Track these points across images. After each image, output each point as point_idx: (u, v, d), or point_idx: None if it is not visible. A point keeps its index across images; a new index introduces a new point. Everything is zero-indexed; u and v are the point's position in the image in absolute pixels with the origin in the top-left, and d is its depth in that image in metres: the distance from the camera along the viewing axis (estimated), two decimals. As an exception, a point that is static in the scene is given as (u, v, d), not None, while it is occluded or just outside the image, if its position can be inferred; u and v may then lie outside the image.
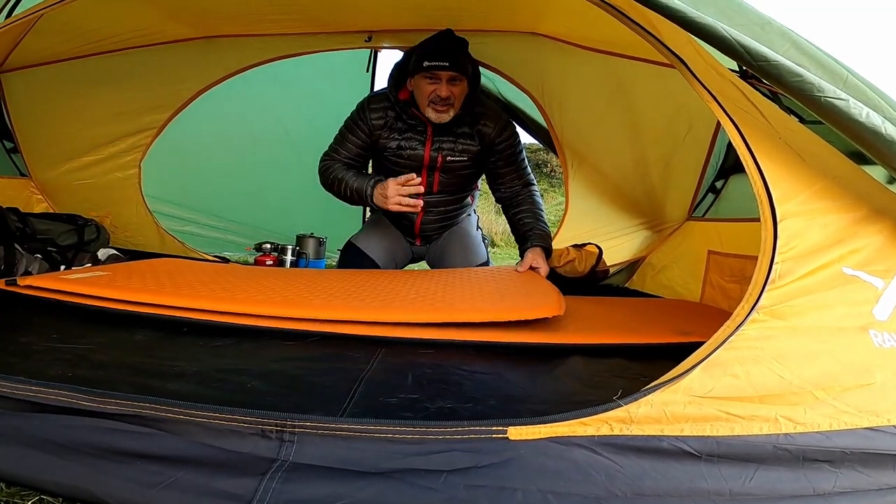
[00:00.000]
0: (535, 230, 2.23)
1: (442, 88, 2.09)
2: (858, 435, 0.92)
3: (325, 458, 0.83)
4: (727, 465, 0.88)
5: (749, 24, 1.03)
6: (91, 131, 2.87)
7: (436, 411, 0.97)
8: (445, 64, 2.07)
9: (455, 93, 2.12)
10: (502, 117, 2.33)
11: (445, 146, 2.27)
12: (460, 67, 2.09)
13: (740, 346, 0.95)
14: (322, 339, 1.40)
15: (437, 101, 2.11)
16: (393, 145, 2.28)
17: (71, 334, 1.30)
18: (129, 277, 1.74)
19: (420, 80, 2.12)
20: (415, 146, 2.27)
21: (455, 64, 2.08)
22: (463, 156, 2.29)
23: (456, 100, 2.14)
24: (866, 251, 1.04)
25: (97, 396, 0.89)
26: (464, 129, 2.26)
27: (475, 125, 2.26)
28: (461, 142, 2.27)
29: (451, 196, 2.43)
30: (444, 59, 2.07)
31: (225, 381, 1.08)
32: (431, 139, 2.26)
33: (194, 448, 0.85)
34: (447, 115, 2.15)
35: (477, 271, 2.20)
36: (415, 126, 2.25)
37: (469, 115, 2.24)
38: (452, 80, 2.10)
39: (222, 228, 3.75)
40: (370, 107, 2.27)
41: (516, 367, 1.29)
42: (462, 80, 2.13)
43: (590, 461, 0.85)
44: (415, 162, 2.29)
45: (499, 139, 2.28)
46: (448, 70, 2.07)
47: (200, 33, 2.82)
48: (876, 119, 0.99)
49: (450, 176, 2.35)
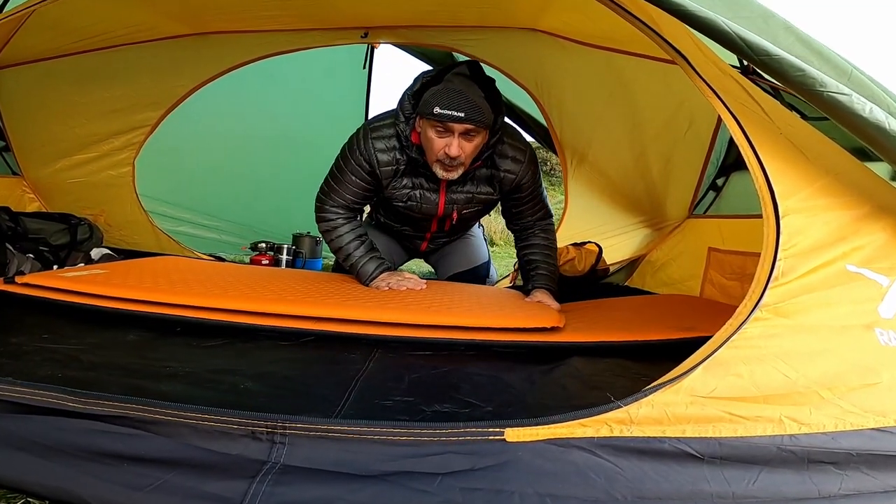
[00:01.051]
0: (540, 270, 1.99)
1: (452, 146, 1.72)
2: (864, 436, 0.91)
3: (316, 461, 0.82)
4: (730, 468, 0.87)
5: (752, 17, 1.02)
6: (84, 129, 2.85)
7: (432, 414, 0.96)
8: (461, 115, 1.67)
9: (467, 150, 1.75)
10: (527, 154, 1.95)
11: (460, 197, 1.98)
12: (479, 119, 1.69)
13: (743, 345, 0.94)
14: (317, 339, 1.38)
15: (446, 159, 1.76)
16: (402, 195, 1.97)
17: (62, 334, 1.29)
18: (127, 275, 1.73)
19: (428, 128, 1.74)
20: (428, 197, 1.97)
21: (473, 115, 1.68)
22: (478, 206, 2.05)
23: (467, 157, 1.78)
24: (870, 248, 1.02)
25: (83, 398, 0.88)
26: (483, 171, 1.94)
27: (497, 168, 1.92)
28: (479, 193, 1.98)
29: (463, 229, 2.36)
30: (460, 107, 1.67)
31: (218, 382, 1.07)
32: (446, 190, 1.97)
33: (183, 450, 0.84)
34: (455, 174, 1.82)
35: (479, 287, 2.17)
36: (425, 173, 1.92)
37: (489, 159, 1.90)
38: (467, 134, 1.72)
39: (217, 228, 3.73)
40: (375, 145, 1.86)
41: (515, 368, 1.27)
42: (479, 133, 1.75)
43: (589, 463, 0.84)
44: (426, 215, 2.06)
45: (522, 182, 1.96)
46: (463, 122, 1.68)
47: (194, 30, 2.80)
48: (880, 114, 0.98)
49: (462, 221, 2.15)
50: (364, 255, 1.95)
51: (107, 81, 2.79)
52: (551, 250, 2.04)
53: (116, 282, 1.61)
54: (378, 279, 1.90)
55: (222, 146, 3.70)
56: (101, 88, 2.80)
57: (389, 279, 1.87)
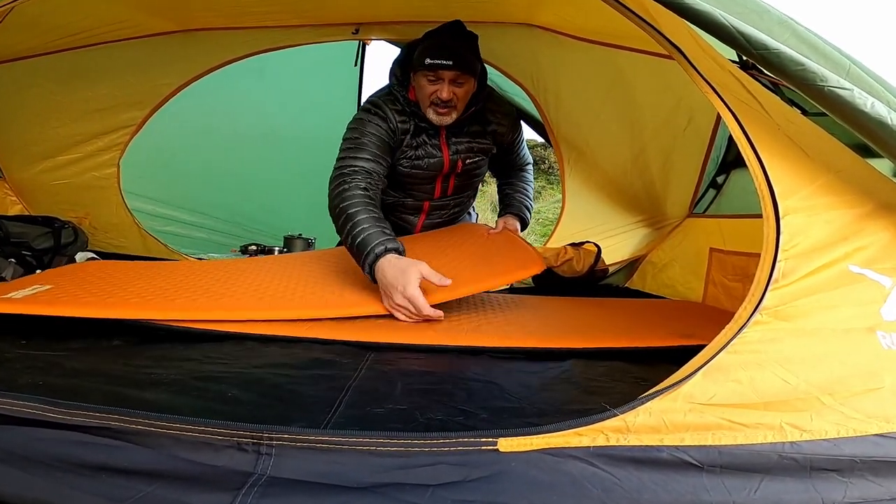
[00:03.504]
0: (513, 202, 2.37)
1: (443, 90, 1.93)
2: (868, 442, 0.91)
3: (304, 473, 0.82)
4: (731, 476, 0.86)
5: (746, 11, 1.01)
6: (66, 129, 2.83)
7: (425, 422, 0.95)
8: (449, 63, 1.90)
9: (458, 94, 1.97)
10: (512, 112, 2.29)
11: (462, 147, 2.14)
12: (466, 66, 1.93)
13: (743, 350, 0.93)
14: (307, 344, 1.38)
15: (439, 103, 1.96)
16: (410, 154, 2.10)
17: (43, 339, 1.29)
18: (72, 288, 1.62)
19: (421, 78, 1.96)
20: (433, 152, 2.11)
21: (460, 62, 1.92)
22: (479, 155, 2.21)
23: (459, 101, 1.99)
24: (873, 248, 1.02)
25: (63, 408, 0.87)
26: (475, 127, 2.15)
27: (487, 124, 2.16)
28: (477, 142, 2.17)
29: (459, 196, 2.39)
30: (448, 56, 1.90)
31: (203, 390, 1.06)
32: (447, 143, 2.12)
33: (166, 461, 0.83)
34: (449, 118, 2.01)
35: (452, 235, 2.26)
36: (427, 129, 2.08)
37: (480, 113, 2.13)
38: (456, 81, 1.94)
39: (206, 229, 3.71)
40: (389, 107, 2.01)
41: (511, 373, 1.27)
42: (467, 80, 1.97)
43: (585, 474, 0.83)
44: (434, 171, 2.15)
45: (511, 137, 2.29)
46: (452, 69, 1.91)
47: (180, 26, 2.79)
48: (881, 109, 0.98)
49: (464, 178, 2.28)
50: (372, 222, 1.71)
51: (90, 80, 2.76)
52: (527, 185, 2.45)
53: (67, 299, 1.51)
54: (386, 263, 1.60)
55: (211, 145, 3.68)
56: (84, 87, 2.78)
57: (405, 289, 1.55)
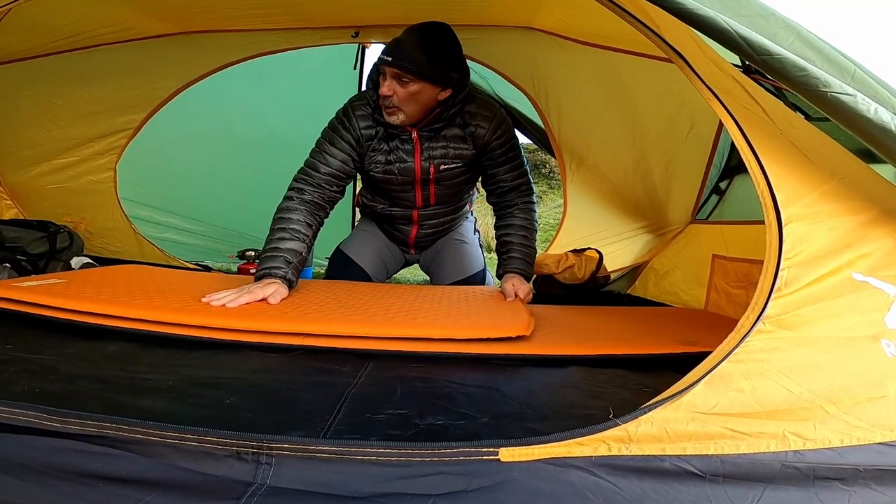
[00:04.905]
0: (513, 255, 2.07)
1: (383, 85, 1.88)
2: (872, 450, 0.91)
3: (304, 482, 0.82)
4: (733, 486, 0.87)
5: (751, 15, 1.02)
6: (62, 133, 2.85)
7: (425, 428, 0.95)
8: (388, 59, 1.84)
9: (399, 94, 1.88)
10: (497, 113, 2.10)
11: (436, 153, 2.08)
12: (407, 64, 1.84)
13: (745, 359, 0.93)
14: (306, 351, 1.38)
15: (381, 99, 1.91)
16: (381, 159, 2.08)
17: (39, 345, 1.29)
18: (85, 286, 1.70)
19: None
20: (404, 158, 2.08)
21: (400, 59, 1.84)
22: (457, 161, 2.11)
23: (402, 102, 1.90)
24: (876, 255, 1.02)
25: (60, 416, 0.87)
26: (455, 131, 2.07)
27: (467, 126, 2.06)
28: (452, 146, 2.08)
29: (447, 206, 2.34)
30: (389, 52, 1.85)
31: (202, 397, 1.06)
32: (420, 148, 2.08)
33: (165, 470, 0.83)
34: (395, 118, 1.94)
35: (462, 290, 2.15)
36: (398, 134, 2.04)
37: (459, 116, 2.04)
38: (400, 79, 1.87)
39: (203, 235, 3.73)
40: (355, 113, 2.02)
41: (512, 380, 1.27)
42: (413, 80, 1.87)
43: (587, 483, 0.83)
44: (406, 176, 2.12)
45: (493, 138, 2.08)
46: (390, 66, 1.85)
47: (178, 28, 2.80)
48: (885, 115, 0.98)
49: (445, 186, 2.20)
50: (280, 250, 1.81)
51: (87, 83, 2.78)
52: (528, 231, 2.12)
53: (73, 293, 1.59)
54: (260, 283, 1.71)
55: (209, 149, 3.70)
56: (81, 90, 2.79)
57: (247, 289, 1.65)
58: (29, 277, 1.85)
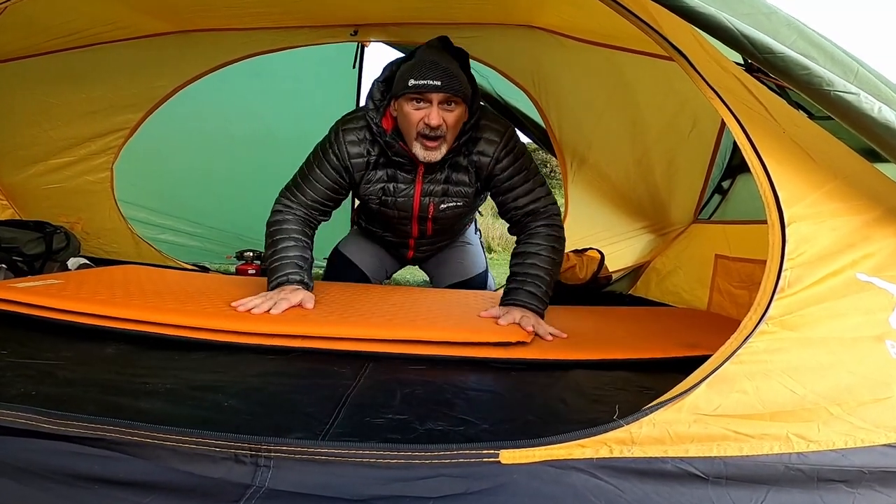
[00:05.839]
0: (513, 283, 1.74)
1: (432, 114, 1.68)
2: (876, 452, 0.91)
3: (303, 485, 0.82)
4: (736, 488, 0.87)
5: (754, 12, 1.02)
6: (59, 132, 2.85)
7: (425, 433, 0.96)
8: (437, 83, 1.65)
9: (449, 121, 1.71)
10: (503, 133, 1.85)
11: (437, 189, 1.92)
12: (457, 87, 1.68)
13: (748, 360, 0.94)
14: (305, 353, 1.38)
15: (427, 131, 1.70)
16: (376, 190, 1.92)
17: (36, 348, 1.29)
18: (82, 287, 1.71)
19: (405, 105, 1.72)
20: (403, 191, 1.92)
21: (450, 82, 1.67)
22: (457, 200, 1.96)
23: (449, 130, 1.73)
24: (880, 255, 1.02)
25: (57, 419, 0.87)
26: (458, 159, 1.87)
27: (471, 153, 1.86)
28: (454, 179, 1.90)
29: (446, 235, 2.29)
30: (437, 75, 1.66)
31: (199, 399, 1.06)
32: (422, 182, 1.91)
33: (163, 473, 0.84)
34: (437, 153, 1.76)
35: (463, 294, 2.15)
36: (402, 164, 1.87)
37: (465, 144, 1.84)
38: (446, 104, 1.70)
39: (201, 235, 3.72)
40: (346, 138, 1.85)
41: (513, 384, 1.28)
42: (459, 105, 1.72)
43: (588, 486, 0.84)
44: (404, 212, 1.99)
45: (498, 164, 1.85)
46: (441, 91, 1.66)
47: (176, 27, 2.80)
48: (889, 114, 0.98)
49: (443, 222, 2.08)
50: (288, 258, 1.78)
51: (83, 82, 2.79)
52: (539, 259, 1.76)
53: (70, 294, 1.59)
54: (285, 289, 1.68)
55: (206, 149, 3.70)
56: (78, 89, 2.80)
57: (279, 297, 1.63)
58: (26, 278, 1.86)
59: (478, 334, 1.46)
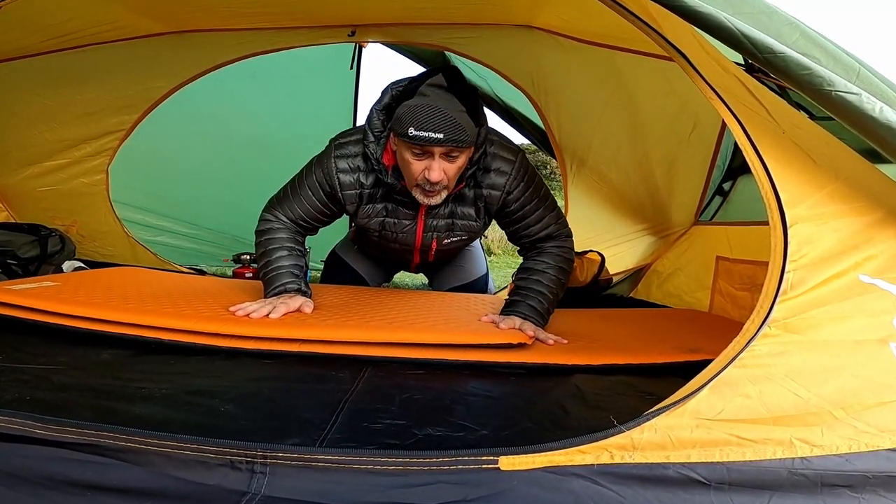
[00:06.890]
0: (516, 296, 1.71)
1: (432, 170, 1.56)
2: (880, 457, 0.91)
3: (299, 492, 0.82)
4: (739, 493, 0.86)
5: (754, 12, 1.02)
6: (53, 134, 2.84)
7: (424, 438, 0.95)
8: (439, 136, 1.50)
9: (450, 171, 1.60)
10: (514, 163, 1.74)
11: (440, 223, 1.84)
12: (461, 138, 1.53)
13: (751, 364, 0.93)
14: (303, 357, 1.38)
15: (427, 186, 1.61)
16: (375, 223, 1.83)
17: (31, 352, 1.29)
18: (78, 289, 1.71)
19: (404, 150, 1.59)
20: (405, 227, 1.84)
21: (453, 134, 1.51)
22: (461, 234, 1.88)
23: (451, 180, 1.63)
24: (883, 257, 1.02)
25: (51, 424, 0.87)
26: (465, 191, 1.77)
27: (480, 186, 1.76)
28: (459, 217, 1.82)
29: (450, 256, 2.30)
30: (439, 127, 1.50)
31: (195, 405, 1.06)
32: (424, 218, 1.83)
33: (157, 479, 0.83)
34: (437, 198, 1.66)
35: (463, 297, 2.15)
36: (403, 200, 1.77)
37: (472, 177, 1.74)
38: (449, 155, 1.57)
39: (198, 238, 3.72)
40: (338, 165, 1.73)
41: (513, 388, 1.27)
42: (463, 152, 1.59)
43: (589, 492, 0.83)
44: (405, 245, 1.93)
45: (510, 196, 1.76)
46: (443, 145, 1.53)
47: (172, 28, 2.80)
48: (890, 114, 0.98)
49: (445, 252, 2.04)
50: (283, 267, 1.75)
51: (78, 83, 2.78)
52: (543, 274, 1.74)
53: (66, 296, 1.59)
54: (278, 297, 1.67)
55: (203, 151, 3.70)
56: (72, 91, 2.79)
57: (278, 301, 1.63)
58: (21, 280, 1.85)
59: (478, 336, 1.46)
